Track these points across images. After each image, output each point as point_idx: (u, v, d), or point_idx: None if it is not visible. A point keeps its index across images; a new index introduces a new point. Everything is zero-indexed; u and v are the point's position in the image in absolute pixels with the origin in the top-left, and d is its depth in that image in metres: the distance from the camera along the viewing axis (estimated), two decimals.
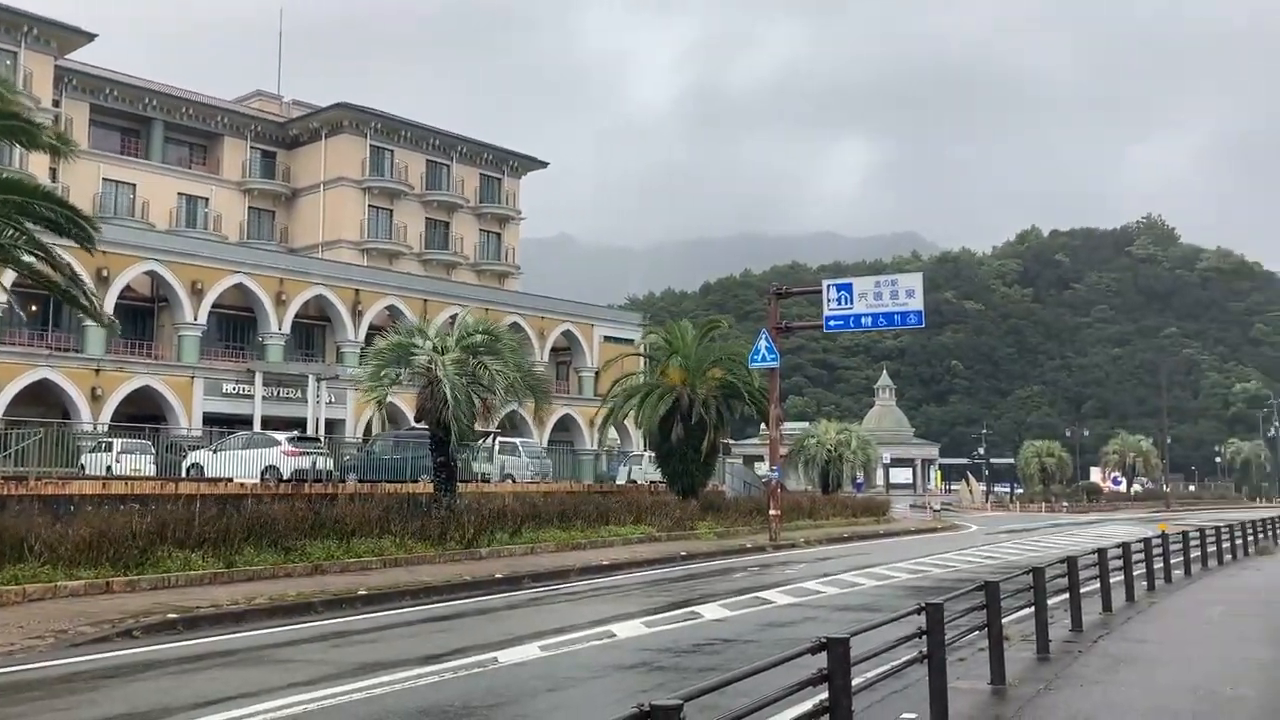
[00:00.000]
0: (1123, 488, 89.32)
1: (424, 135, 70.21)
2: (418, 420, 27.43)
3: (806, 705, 6.04)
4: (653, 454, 40.95)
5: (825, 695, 5.82)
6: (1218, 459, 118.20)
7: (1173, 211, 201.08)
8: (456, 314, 30.53)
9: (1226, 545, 26.04)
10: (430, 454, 26.88)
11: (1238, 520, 30.64)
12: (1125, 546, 17.41)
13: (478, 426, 27.62)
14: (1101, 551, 15.56)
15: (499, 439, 39.13)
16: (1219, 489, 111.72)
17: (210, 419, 43.81)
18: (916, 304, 31.50)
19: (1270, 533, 32.30)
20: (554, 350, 61.15)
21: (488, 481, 35.26)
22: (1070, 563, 13.63)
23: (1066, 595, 13.62)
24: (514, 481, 37.48)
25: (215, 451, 32.86)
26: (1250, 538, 29.21)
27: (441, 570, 20.12)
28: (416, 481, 30.33)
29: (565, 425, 58.91)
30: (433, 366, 25.24)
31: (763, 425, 41.02)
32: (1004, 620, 10.50)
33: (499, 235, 74.20)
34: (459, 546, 22.77)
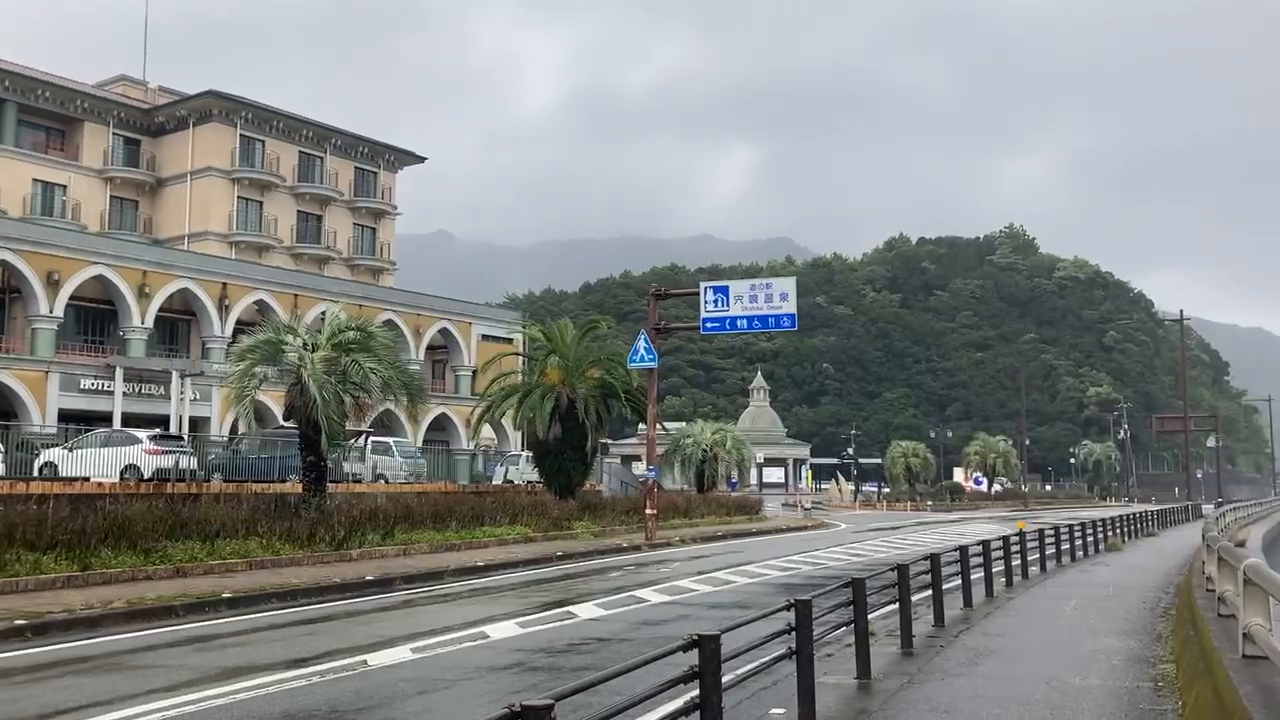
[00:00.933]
0: (984, 487, 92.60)
1: (297, 126, 68.43)
2: (286, 419, 26.75)
3: (678, 702, 6.09)
4: (530, 454, 40.77)
5: (696, 692, 5.88)
6: (1072, 460, 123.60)
7: (1033, 223, 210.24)
8: (328, 310, 29.85)
9: (1079, 543, 27.28)
10: (300, 453, 26.22)
11: (1090, 519, 32.13)
12: (985, 544, 18.06)
13: (349, 425, 27.07)
14: (963, 549, 16.11)
15: (371, 438, 38.42)
16: (1073, 489, 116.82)
17: (67, 416, 41.93)
18: (790, 307, 32.08)
19: (1119, 530, 33.93)
20: (430, 348, 60.33)
21: (359, 482, 34.58)
22: (934, 560, 14.07)
23: (930, 591, 14.06)
24: (387, 482, 36.84)
25: (71, 450, 31.45)
26: (1101, 535, 30.63)
27: (311, 572, 19.64)
28: (285, 481, 29.56)
29: (441, 425, 58.18)
30: (302, 364, 24.63)
31: (641, 425, 41.18)
32: (870, 616, 10.79)
33: (374, 230, 72.84)
34: (329, 548, 22.25)
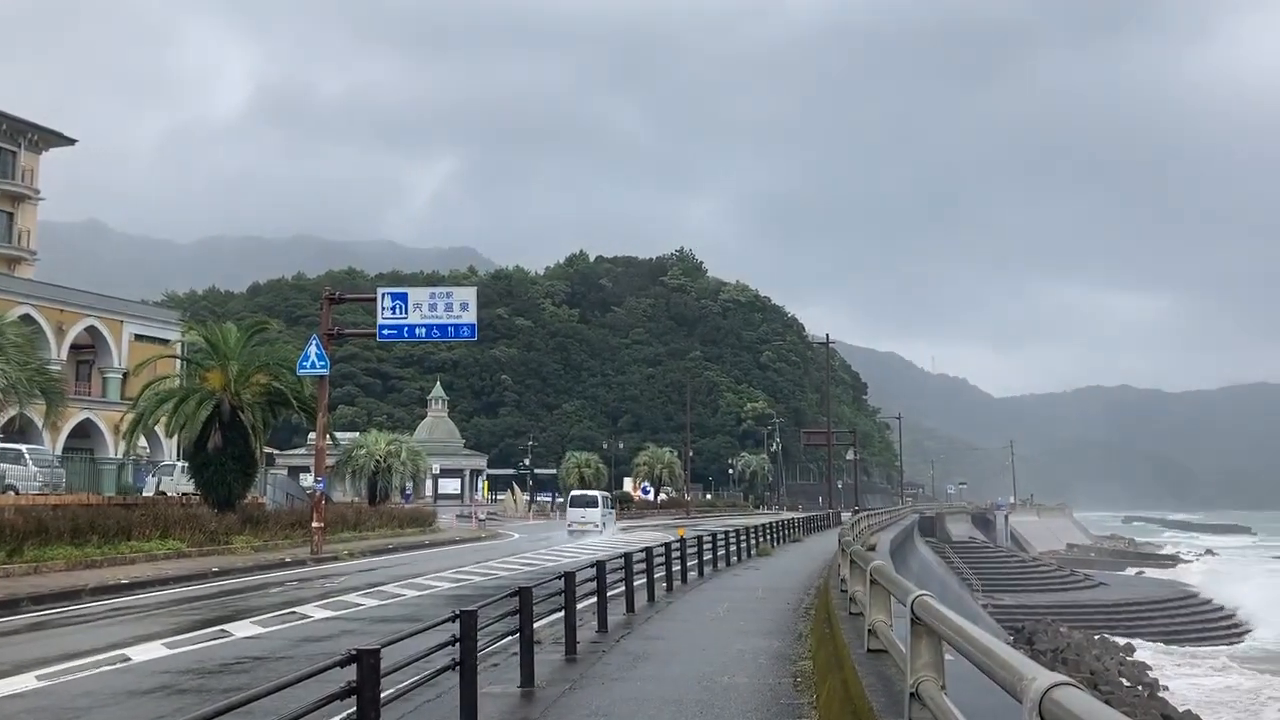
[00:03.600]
0: (651, 496, 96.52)
1: None
2: None
3: None
4: (186, 464, 38.14)
5: (354, 710, 5.74)
6: (730, 470, 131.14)
7: (703, 252, 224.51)
8: None
9: (735, 548, 29.00)
10: None
11: (744, 525, 34.24)
12: (649, 551, 18.83)
13: None
14: (628, 556, 16.71)
15: None
16: (730, 497, 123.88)
17: None
18: (470, 317, 32.06)
19: (770, 536, 36.39)
20: (75, 348, 55.06)
21: None
22: (599, 567, 14.49)
23: (596, 599, 14.47)
24: (17, 493, 33.28)
25: None
26: (754, 541, 32.73)
27: None
28: None
29: (86, 431, 53.26)
30: None
31: (311, 434, 39.61)
32: (537, 624, 10.96)
33: (10, 215, 65.68)
34: None
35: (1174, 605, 56.66)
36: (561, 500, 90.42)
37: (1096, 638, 44.91)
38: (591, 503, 51.10)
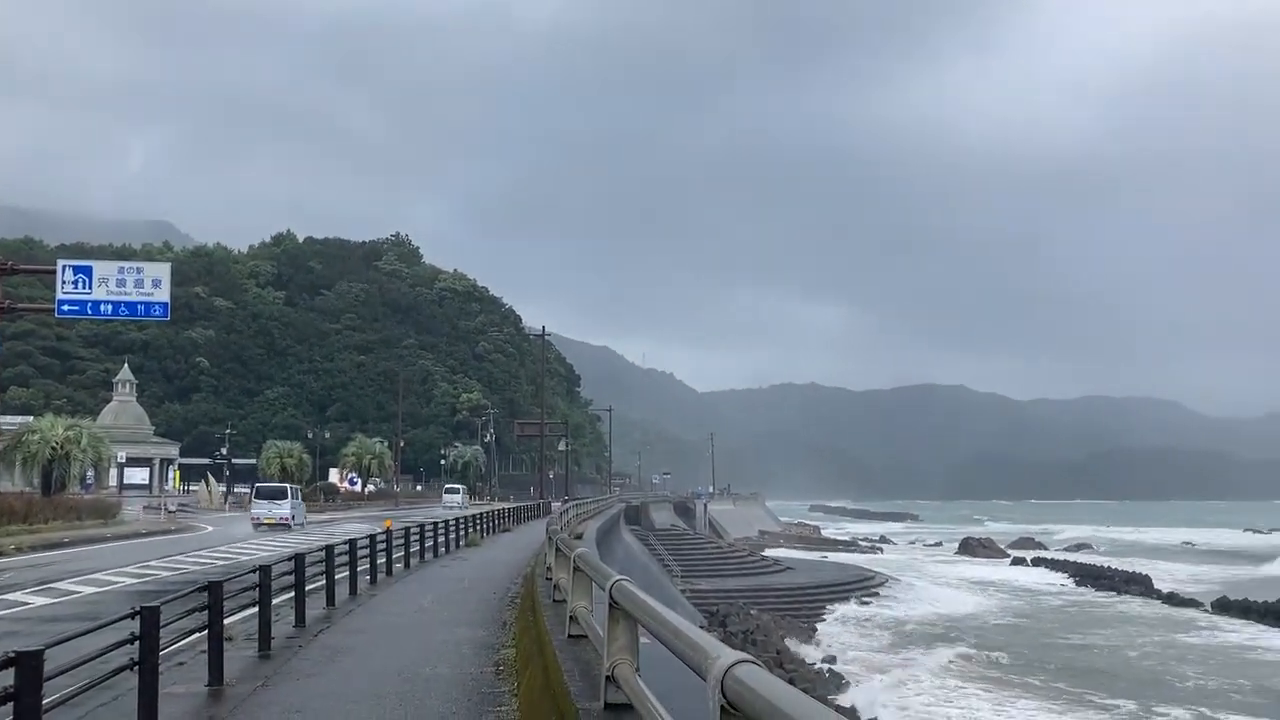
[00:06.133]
0: (358, 487, 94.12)
1: None
2: None
3: None
4: None
5: (11, 718, 5.26)
6: (443, 461, 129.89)
7: (423, 243, 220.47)
8: None
9: (443, 539, 28.77)
10: None
11: (454, 517, 34.05)
12: (353, 544, 18.36)
13: None
14: (329, 549, 16.22)
15: None
16: (442, 488, 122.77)
17: None
18: (163, 295, 30.12)
19: (479, 527, 36.37)
20: None
21: None
22: (298, 560, 14.00)
23: (294, 593, 13.95)
24: None
25: None
26: (463, 532, 32.60)
27: None
28: None
29: None
30: None
31: None
32: (230, 620, 10.46)
33: None
34: None
35: (854, 585, 61.23)
36: None
37: (784, 619, 47.88)
38: (280, 494, 47.98)
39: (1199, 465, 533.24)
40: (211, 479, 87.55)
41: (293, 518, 45.86)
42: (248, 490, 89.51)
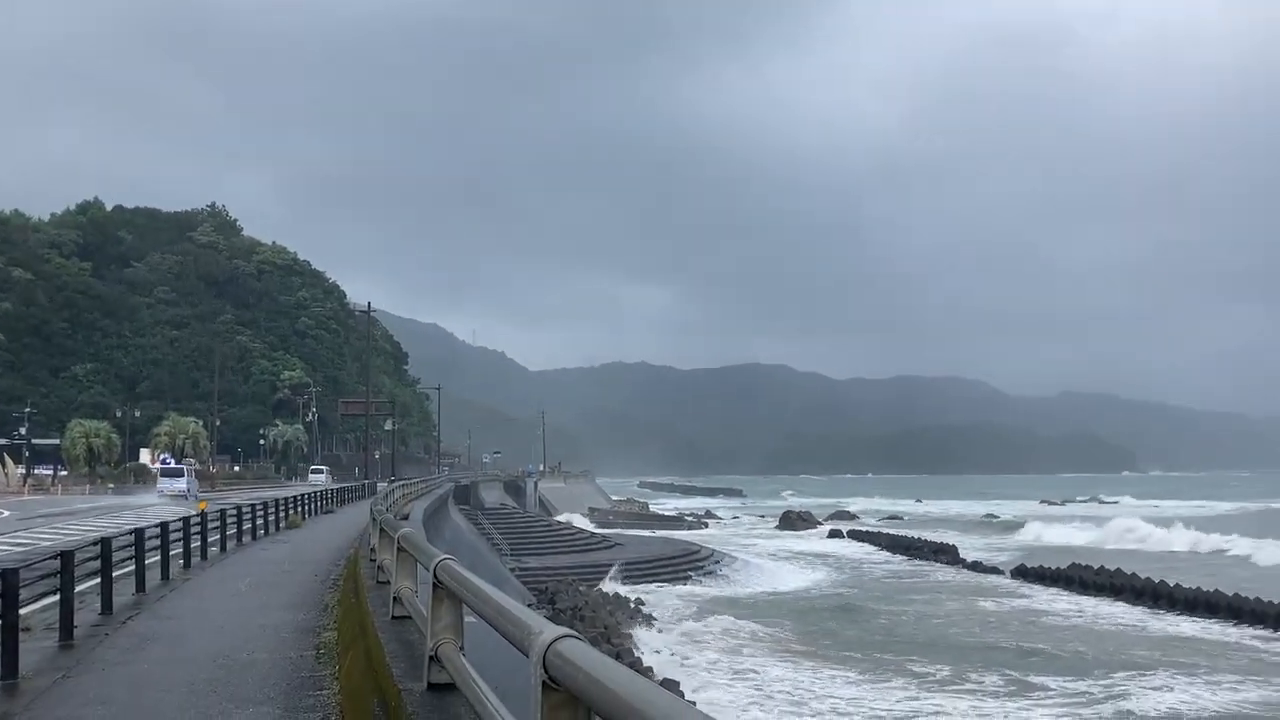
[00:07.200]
0: (183, 473, 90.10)
1: None
2: None
3: None
4: None
5: None
6: (262, 441, 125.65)
7: (246, 218, 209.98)
8: None
9: (262, 521, 27.86)
10: None
11: (274, 498, 33.03)
12: (164, 526, 17.59)
13: None
14: (139, 532, 15.50)
15: None
16: (261, 469, 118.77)
17: None
18: None
19: (300, 508, 35.38)
20: None
21: None
22: (104, 544, 13.33)
23: (100, 579, 13.28)
24: None
25: None
26: (283, 513, 31.65)
27: None
28: None
29: None
30: None
31: None
32: (28, 609, 9.90)
33: None
34: None
35: (681, 560, 62.40)
36: (65, 473, 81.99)
37: (611, 594, 48.39)
38: (179, 474, 64.02)
39: (1004, 441, 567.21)
40: (9, 460, 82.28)
41: (189, 490, 57.90)
42: (50, 471, 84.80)
